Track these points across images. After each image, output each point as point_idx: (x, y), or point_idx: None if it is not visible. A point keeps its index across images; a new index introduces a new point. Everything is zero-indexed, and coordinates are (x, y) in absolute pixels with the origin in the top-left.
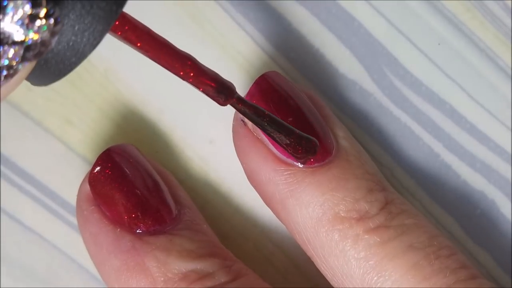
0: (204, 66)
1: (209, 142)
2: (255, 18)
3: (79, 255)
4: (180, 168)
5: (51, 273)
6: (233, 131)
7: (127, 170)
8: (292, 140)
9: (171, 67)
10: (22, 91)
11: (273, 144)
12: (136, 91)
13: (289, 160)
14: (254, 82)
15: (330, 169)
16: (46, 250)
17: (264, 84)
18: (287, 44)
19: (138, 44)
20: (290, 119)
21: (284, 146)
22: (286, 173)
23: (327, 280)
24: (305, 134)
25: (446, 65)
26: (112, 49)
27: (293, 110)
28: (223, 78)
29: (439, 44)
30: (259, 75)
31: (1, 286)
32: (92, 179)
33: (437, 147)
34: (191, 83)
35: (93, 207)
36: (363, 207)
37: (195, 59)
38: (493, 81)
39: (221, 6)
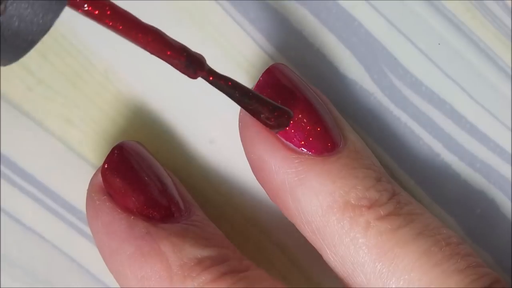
0: (172, 39)
1: (209, 142)
2: (255, 18)
3: (79, 255)
4: (180, 167)
5: (51, 273)
6: (240, 121)
7: (140, 163)
8: (266, 110)
9: (137, 41)
10: (22, 91)
11: (280, 134)
12: (136, 91)
13: (299, 149)
14: (263, 73)
15: (340, 158)
16: (46, 250)
17: (273, 75)
18: (287, 44)
19: (101, 20)
20: (298, 109)
21: (257, 116)
22: (296, 161)
23: (327, 280)
24: (279, 105)
25: (446, 65)
26: (112, 49)
27: (301, 101)
28: (191, 51)
29: (439, 44)
30: (268, 66)
31: (1, 286)
32: (106, 170)
33: (437, 147)
34: (159, 57)
35: (105, 196)
36: (374, 196)
37: (162, 32)
38: (493, 81)
39: (221, 6)
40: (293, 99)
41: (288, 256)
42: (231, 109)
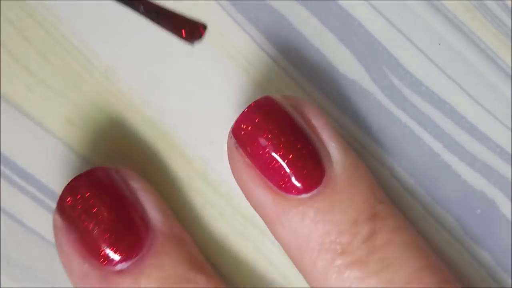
0: None
1: (209, 142)
2: (255, 18)
3: None
4: (180, 168)
5: (51, 273)
6: (227, 153)
7: (93, 204)
8: (177, 25)
9: None
10: (22, 91)
11: (262, 171)
12: (136, 91)
13: (278, 190)
14: (244, 111)
15: (316, 202)
16: (46, 250)
17: (252, 117)
18: (287, 44)
19: None
20: (281, 146)
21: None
22: (274, 201)
23: None
24: (189, 18)
25: (446, 65)
26: (112, 49)
27: (284, 141)
28: None
29: (439, 44)
30: (249, 104)
31: (1, 286)
32: (59, 212)
33: (437, 147)
34: None
35: (64, 236)
36: (347, 240)
37: None
38: (493, 81)
39: (221, 6)
40: (275, 138)
41: (288, 256)
42: (231, 109)
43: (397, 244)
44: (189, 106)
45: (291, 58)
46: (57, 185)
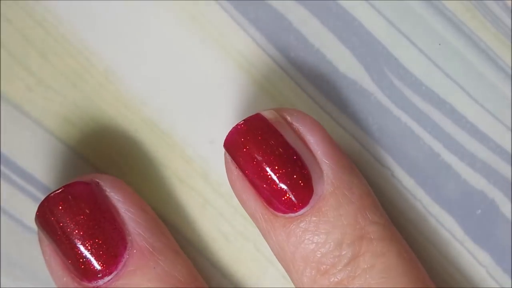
0: None
1: (209, 142)
2: (255, 18)
3: None
4: (181, 168)
5: None
6: (224, 162)
7: (69, 219)
8: None
9: None
10: (22, 91)
11: (253, 186)
12: (136, 91)
13: (267, 206)
14: (234, 127)
15: (302, 222)
16: None
17: (240, 136)
18: (287, 44)
19: None
20: (269, 165)
21: None
22: (264, 216)
23: None
24: None
25: (446, 65)
26: (112, 49)
27: (272, 160)
28: None
29: (439, 44)
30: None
31: (1, 286)
32: (38, 223)
33: (437, 147)
34: None
35: (46, 247)
36: (330, 262)
37: None
38: (493, 81)
39: (221, 6)
40: (259, 159)
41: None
42: (231, 109)
43: (379, 270)
44: (189, 106)
45: (291, 58)
46: (57, 185)
